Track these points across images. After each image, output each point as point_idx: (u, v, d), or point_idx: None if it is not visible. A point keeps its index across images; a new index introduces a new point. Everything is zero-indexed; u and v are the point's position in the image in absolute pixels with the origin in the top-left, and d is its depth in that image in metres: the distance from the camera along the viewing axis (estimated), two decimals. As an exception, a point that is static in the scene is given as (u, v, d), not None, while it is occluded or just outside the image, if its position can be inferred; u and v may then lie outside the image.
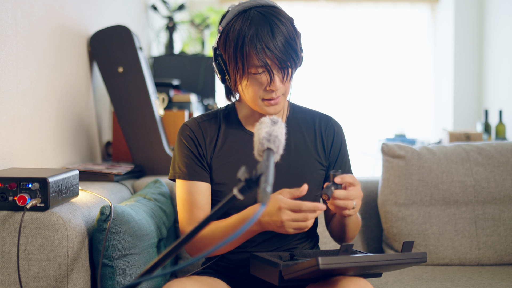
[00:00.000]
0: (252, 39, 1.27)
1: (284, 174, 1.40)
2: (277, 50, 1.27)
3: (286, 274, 1.19)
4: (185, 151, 1.42)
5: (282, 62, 1.29)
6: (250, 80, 1.32)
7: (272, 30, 1.27)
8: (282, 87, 1.33)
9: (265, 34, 1.27)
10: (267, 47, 1.27)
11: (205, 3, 4.89)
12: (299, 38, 1.36)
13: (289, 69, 1.32)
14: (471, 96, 4.96)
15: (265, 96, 1.33)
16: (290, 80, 1.35)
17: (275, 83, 1.30)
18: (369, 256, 1.19)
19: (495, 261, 1.94)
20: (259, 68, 1.29)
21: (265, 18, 1.29)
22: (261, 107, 1.36)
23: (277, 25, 1.29)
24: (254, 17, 1.29)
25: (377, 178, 2.11)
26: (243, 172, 0.93)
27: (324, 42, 5.26)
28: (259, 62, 1.28)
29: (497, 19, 4.63)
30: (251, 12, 1.30)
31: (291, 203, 1.18)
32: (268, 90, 1.32)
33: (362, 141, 5.12)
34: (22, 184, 1.33)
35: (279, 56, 1.28)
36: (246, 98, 1.36)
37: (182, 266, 0.85)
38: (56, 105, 1.93)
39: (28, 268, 1.34)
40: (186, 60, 3.27)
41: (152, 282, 1.57)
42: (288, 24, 1.32)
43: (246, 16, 1.30)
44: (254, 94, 1.33)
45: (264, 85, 1.32)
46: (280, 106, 1.36)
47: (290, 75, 1.33)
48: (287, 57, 1.29)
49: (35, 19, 1.76)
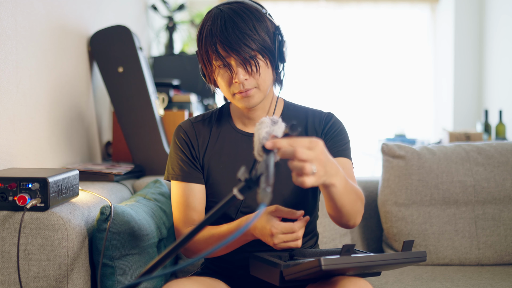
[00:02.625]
0: (207, 35, 1.30)
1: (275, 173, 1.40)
2: (230, 43, 1.27)
3: (287, 274, 1.19)
4: (179, 153, 1.43)
5: (240, 55, 1.28)
6: (219, 76, 1.34)
7: (226, 24, 1.28)
8: (251, 80, 1.32)
9: (218, 28, 1.28)
10: (220, 41, 1.28)
11: (205, 3, 4.89)
12: (268, 31, 1.32)
13: (252, 61, 1.29)
14: (471, 96, 4.96)
15: (234, 90, 1.33)
16: (260, 73, 1.31)
17: (238, 75, 1.30)
18: (370, 256, 1.19)
19: (495, 261, 1.94)
20: (218, 62, 1.31)
21: (221, 13, 1.30)
22: (236, 102, 1.36)
23: (231, 19, 1.28)
24: (212, 15, 1.32)
25: (377, 178, 2.11)
26: (243, 172, 0.93)
27: (324, 42, 5.26)
28: (216, 56, 1.30)
29: (497, 19, 4.63)
30: (213, 10, 1.33)
31: (283, 227, 1.18)
32: (235, 84, 1.32)
33: (362, 141, 5.12)
34: (22, 184, 1.33)
35: (234, 48, 1.27)
36: (224, 94, 1.39)
37: (182, 266, 0.85)
38: (56, 105, 1.93)
39: (28, 268, 1.34)
40: (186, 60, 3.27)
41: (152, 282, 1.57)
42: (250, 17, 1.30)
43: (208, 15, 1.33)
44: (226, 89, 1.35)
45: (230, 79, 1.32)
46: (254, 99, 1.34)
47: (256, 67, 1.30)
48: (246, 49, 1.28)
49: (35, 19, 1.76)
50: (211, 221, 0.94)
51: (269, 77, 1.35)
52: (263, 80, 1.33)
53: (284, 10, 5.21)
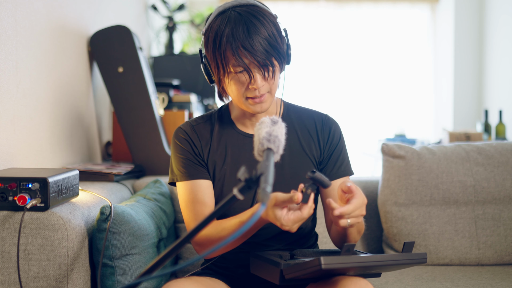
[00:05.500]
0: (228, 39, 1.28)
1: (278, 174, 1.40)
2: (253, 49, 1.26)
3: (288, 273, 1.19)
4: (181, 152, 1.41)
5: (260, 61, 1.28)
6: (232, 80, 1.32)
7: (248, 29, 1.27)
8: (265, 85, 1.32)
9: (240, 33, 1.27)
10: (242, 46, 1.26)
11: (205, 3, 4.89)
12: (281, 36, 1.33)
13: (270, 67, 1.30)
14: (471, 96, 4.96)
15: (249, 94, 1.32)
16: (275, 78, 1.33)
17: (256, 81, 1.30)
18: (370, 257, 1.19)
19: (495, 261, 1.94)
20: (238, 67, 1.29)
21: (241, 17, 1.28)
22: (247, 106, 1.35)
23: (253, 23, 1.28)
24: (231, 17, 1.29)
25: (377, 178, 2.11)
26: (243, 172, 0.93)
27: (324, 42, 5.26)
28: (236, 61, 1.28)
29: (497, 19, 4.63)
30: (229, 12, 1.31)
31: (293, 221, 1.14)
32: (250, 89, 1.31)
33: (362, 141, 5.12)
34: (22, 184, 1.32)
35: (256, 55, 1.27)
36: (232, 97, 1.37)
37: (182, 266, 0.85)
38: (56, 105, 1.93)
39: (28, 268, 1.34)
40: (186, 60, 3.27)
41: (152, 282, 1.57)
42: (268, 22, 1.30)
43: (224, 16, 1.31)
44: (238, 93, 1.33)
45: (245, 84, 1.31)
46: (266, 104, 1.35)
47: (273, 72, 1.31)
48: (266, 55, 1.28)
49: (35, 19, 1.76)
50: (211, 220, 0.94)
51: (278, 81, 1.36)
52: (275, 85, 1.34)
53: (284, 10, 5.21)
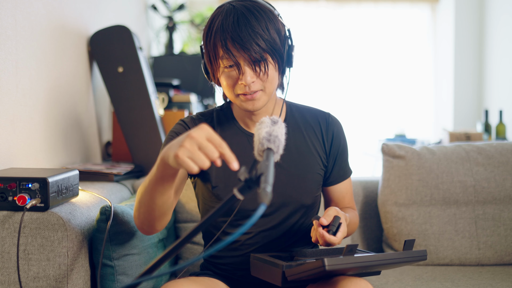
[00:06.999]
0: (217, 30, 1.26)
1: (285, 174, 1.39)
2: (242, 41, 1.23)
3: (290, 275, 1.18)
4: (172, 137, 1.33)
5: (250, 54, 1.24)
6: (223, 75, 1.29)
7: (238, 21, 1.24)
8: (257, 82, 1.28)
9: (230, 24, 1.24)
10: (231, 38, 1.24)
11: (205, 3, 4.89)
12: (279, 33, 1.30)
13: (262, 62, 1.26)
14: (471, 96, 4.96)
15: (238, 90, 1.29)
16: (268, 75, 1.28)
17: (245, 76, 1.26)
18: (373, 256, 1.19)
19: (495, 261, 1.94)
20: (227, 60, 1.26)
21: (234, 9, 1.27)
22: (239, 103, 1.32)
23: (244, 16, 1.25)
24: (224, 9, 1.28)
25: (377, 178, 2.11)
26: (243, 172, 0.93)
27: (324, 42, 5.25)
28: (225, 54, 1.25)
29: (497, 19, 4.63)
30: (224, 5, 1.30)
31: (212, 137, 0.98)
32: (240, 84, 1.28)
33: (362, 141, 5.12)
34: (22, 184, 1.32)
35: (245, 47, 1.24)
36: (225, 94, 1.34)
37: (182, 266, 0.85)
38: (56, 105, 1.93)
39: (28, 268, 1.33)
40: (186, 60, 3.27)
41: (152, 282, 1.57)
42: (263, 17, 1.27)
43: (219, 10, 1.30)
44: (229, 88, 1.30)
45: (235, 79, 1.28)
46: (259, 103, 1.31)
47: (265, 68, 1.27)
48: (257, 49, 1.24)
49: (35, 19, 1.76)
50: (211, 221, 0.94)
51: (275, 80, 1.32)
52: (270, 83, 1.30)
53: (284, 10, 5.21)
